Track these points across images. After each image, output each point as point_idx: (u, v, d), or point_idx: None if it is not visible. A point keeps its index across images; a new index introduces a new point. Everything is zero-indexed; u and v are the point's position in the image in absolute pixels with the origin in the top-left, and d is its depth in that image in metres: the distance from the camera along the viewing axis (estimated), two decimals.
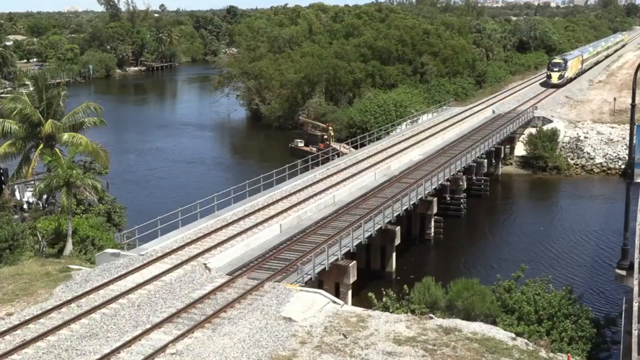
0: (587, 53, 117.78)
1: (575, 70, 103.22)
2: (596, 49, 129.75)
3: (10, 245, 31.82)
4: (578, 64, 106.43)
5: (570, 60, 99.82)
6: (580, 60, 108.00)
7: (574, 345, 25.63)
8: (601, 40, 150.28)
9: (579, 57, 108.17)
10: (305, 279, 29.14)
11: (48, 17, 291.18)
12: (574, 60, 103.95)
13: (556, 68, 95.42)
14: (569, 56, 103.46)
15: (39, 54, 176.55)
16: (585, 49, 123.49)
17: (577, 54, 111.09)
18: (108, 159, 40.91)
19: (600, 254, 43.41)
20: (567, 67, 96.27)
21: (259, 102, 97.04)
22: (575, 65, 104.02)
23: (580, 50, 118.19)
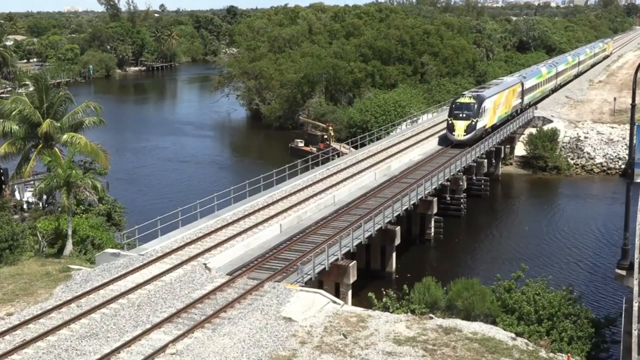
0: (535, 78, 77.38)
1: (501, 112, 62.39)
2: (553, 69, 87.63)
3: (10, 245, 31.81)
4: (510, 101, 65.59)
5: (489, 98, 58.62)
6: (515, 93, 67.30)
7: (573, 345, 25.63)
8: (567, 55, 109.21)
9: (512, 90, 66.20)
10: (305, 279, 29.12)
11: (48, 17, 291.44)
12: (500, 96, 61.95)
13: (463, 113, 56.05)
14: (490, 89, 62.15)
15: (39, 54, 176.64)
16: (533, 71, 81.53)
17: (511, 82, 68.24)
18: (108, 159, 40.87)
19: (600, 254, 43.41)
20: (481, 111, 56.56)
21: (259, 102, 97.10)
22: (501, 104, 62.41)
23: (521, 76, 74.44)
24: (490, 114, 58.78)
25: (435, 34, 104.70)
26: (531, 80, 74.83)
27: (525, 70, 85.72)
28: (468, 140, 54.93)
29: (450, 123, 55.90)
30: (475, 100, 56.20)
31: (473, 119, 55.21)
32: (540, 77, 79.64)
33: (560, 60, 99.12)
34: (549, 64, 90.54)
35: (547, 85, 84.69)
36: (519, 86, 68.52)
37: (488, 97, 58.20)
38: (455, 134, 55.33)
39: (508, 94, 64.25)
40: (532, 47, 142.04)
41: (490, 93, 59.93)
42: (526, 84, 71.40)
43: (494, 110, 60.14)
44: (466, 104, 56.10)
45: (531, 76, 76.25)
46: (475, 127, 55.36)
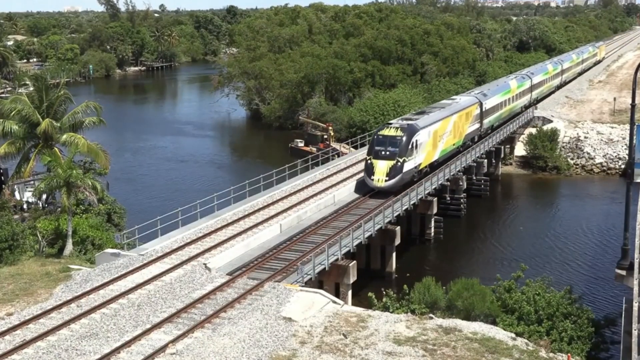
0: (500, 95, 62.70)
1: (446, 145, 49.00)
2: (527, 81, 73.07)
3: (10, 245, 31.81)
4: (461, 128, 51.84)
5: (425, 129, 44.99)
6: (470, 117, 53.90)
7: (573, 345, 25.64)
8: (548, 63, 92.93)
9: (466, 113, 53.04)
10: (305, 279, 29.13)
11: (48, 17, 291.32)
12: (444, 124, 48.49)
13: (386, 150, 42.05)
14: (430, 115, 48.25)
15: (39, 54, 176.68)
16: (499, 86, 65.86)
17: (464, 103, 54.23)
18: (108, 159, 40.87)
19: (600, 254, 43.40)
20: (412, 147, 42.65)
21: (259, 102, 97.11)
22: (447, 134, 49.08)
23: (481, 93, 59.51)
24: (426, 149, 44.88)
25: (435, 34, 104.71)
26: (494, 98, 60.57)
27: (487, 86, 69.15)
28: (392, 187, 40.89)
29: (369, 163, 41.35)
30: (404, 133, 42.14)
31: (399, 158, 41.03)
32: (507, 93, 64.81)
33: (538, 69, 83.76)
34: (522, 75, 75.42)
35: (518, 102, 69.70)
36: (475, 107, 55.31)
37: (423, 128, 44.37)
38: (374, 179, 40.92)
39: (458, 119, 50.84)
40: (532, 47, 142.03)
41: (428, 121, 46.04)
42: (486, 104, 58.01)
43: (434, 144, 46.41)
44: (391, 138, 41.95)
45: (495, 93, 61.56)
46: (402, 168, 41.15)
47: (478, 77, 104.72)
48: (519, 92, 69.41)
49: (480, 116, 56.61)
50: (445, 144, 48.93)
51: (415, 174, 43.71)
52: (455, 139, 50.74)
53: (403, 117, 48.91)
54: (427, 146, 45.00)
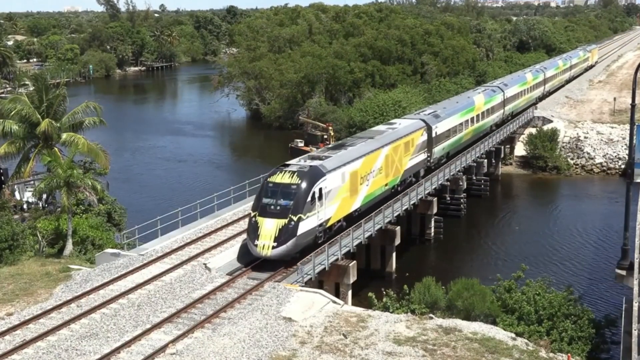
0: (460, 115, 51.79)
1: (372, 188, 37.50)
2: (498, 95, 62.35)
3: (10, 245, 31.81)
4: (398, 162, 40.76)
5: (338, 170, 33.38)
6: (413, 146, 43.02)
7: (574, 345, 25.64)
8: (527, 71, 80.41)
9: (405, 143, 41.86)
10: (305, 279, 29.13)
11: (48, 17, 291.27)
12: (370, 160, 37.08)
13: (276, 203, 30.29)
14: (348, 150, 36.49)
15: (39, 54, 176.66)
16: (461, 102, 54.92)
17: (405, 129, 43.06)
18: (108, 159, 40.86)
19: (600, 254, 43.41)
20: (313, 198, 30.72)
21: (259, 102, 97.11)
22: (375, 172, 37.66)
23: (432, 114, 48.06)
24: (339, 197, 33.13)
25: (435, 34, 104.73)
26: (450, 119, 49.44)
27: (443, 104, 55.24)
28: (283, 255, 29.53)
29: (253, 222, 29.91)
30: (302, 179, 30.43)
31: (293, 215, 29.54)
32: (470, 112, 54.22)
33: (514, 79, 72.15)
34: (493, 87, 64.58)
35: (486, 120, 58.62)
36: (421, 133, 44.13)
37: (333, 170, 32.60)
38: (257, 245, 29.21)
39: (392, 152, 39.30)
40: (532, 47, 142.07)
41: (341, 159, 34.15)
42: (438, 128, 46.86)
43: (352, 189, 34.56)
44: (284, 187, 30.30)
45: (451, 112, 50.45)
46: (297, 229, 29.46)
47: (478, 77, 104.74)
48: (487, 109, 58.58)
49: (429, 144, 45.36)
50: (372, 187, 37.20)
51: (319, 233, 31.56)
52: (387, 178, 39.23)
53: (311, 154, 36.01)
54: (340, 193, 33.17)
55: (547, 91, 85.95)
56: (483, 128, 58.44)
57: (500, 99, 62.76)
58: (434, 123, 46.35)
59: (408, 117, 47.97)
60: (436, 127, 46.58)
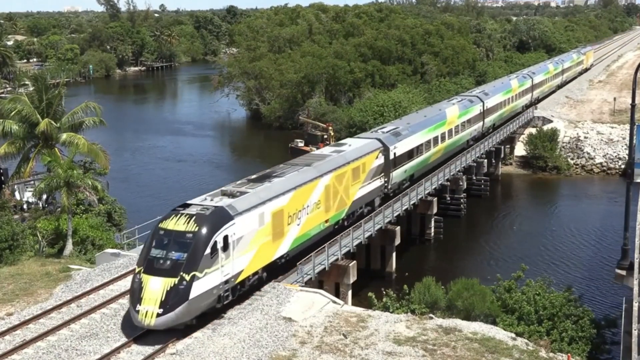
0: (427, 130, 46.09)
1: (305, 229, 30.45)
2: (476, 106, 56.29)
3: (10, 245, 31.81)
4: (344, 193, 34.12)
5: (245, 216, 25.68)
6: (365, 171, 36.64)
7: (574, 345, 25.64)
8: (513, 77, 74.09)
9: (347, 172, 34.36)
10: (305, 279, 29.14)
11: (48, 17, 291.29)
12: (302, 194, 30.07)
13: (166, 258, 23.51)
14: (270, 184, 28.92)
15: (39, 54, 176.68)
16: (430, 116, 48.76)
17: (355, 150, 36.79)
18: (108, 159, 40.85)
19: (600, 254, 43.41)
20: (215, 251, 23.86)
21: (259, 102, 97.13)
22: (310, 208, 30.87)
23: (391, 131, 42.20)
24: (255, 244, 26.40)
25: (435, 34, 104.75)
26: (414, 137, 43.34)
27: (408, 118, 48.64)
28: (170, 325, 22.96)
29: (137, 280, 23.62)
30: (200, 226, 23.98)
31: (185, 272, 23.21)
32: (440, 127, 48.29)
33: (497, 87, 65.71)
34: (472, 96, 58.45)
35: (461, 135, 52.75)
36: (375, 156, 37.66)
37: (245, 211, 25.88)
38: (139, 311, 22.83)
39: (335, 181, 32.99)
40: (532, 47, 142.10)
41: (262, 195, 27.47)
42: (398, 148, 40.64)
43: (277, 231, 28.01)
44: (177, 236, 23.97)
45: (417, 128, 44.68)
46: (188, 292, 23.08)
47: (478, 77, 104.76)
48: (462, 122, 52.68)
49: (386, 167, 39.18)
50: (306, 226, 30.52)
51: (224, 293, 24.73)
52: (329, 213, 32.72)
53: (224, 189, 27.71)
54: (256, 239, 26.39)
55: (536, 98, 78.92)
56: (457, 144, 52.26)
57: (478, 110, 56.59)
58: (392, 143, 40.21)
59: (363, 136, 41.28)
60: (395, 147, 40.30)
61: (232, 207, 25.54)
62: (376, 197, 38.56)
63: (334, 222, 33.59)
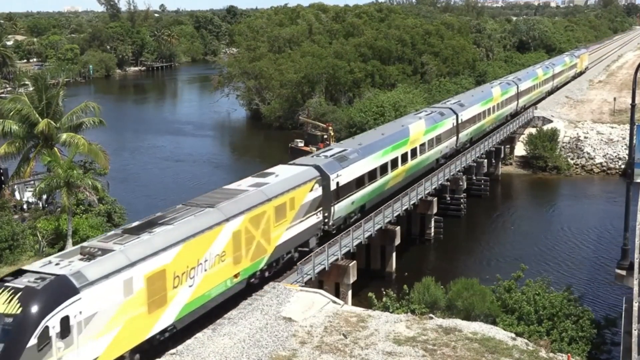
0: (382, 153, 39.46)
1: (186, 300, 23.23)
2: (448, 120, 50.15)
3: (10, 245, 31.85)
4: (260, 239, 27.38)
5: (103, 284, 19.69)
6: (279, 215, 28.70)
7: (574, 345, 25.65)
8: (495, 84, 67.91)
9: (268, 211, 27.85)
10: (305, 279, 29.15)
11: (48, 17, 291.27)
12: (183, 254, 22.86)
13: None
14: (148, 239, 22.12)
15: (39, 54, 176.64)
16: (389, 134, 42.25)
17: (280, 185, 29.55)
18: (107, 159, 40.85)
19: (600, 254, 43.40)
20: (44, 340, 17.80)
21: (259, 102, 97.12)
22: (196, 274, 23.63)
23: (334, 157, 35.39)
24: (119, 322, 20.58)
25: (435, 34, 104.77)
26: (364, 161, 36.86)
27: (360, 139, 41.04)
28: None
29: None
30: (26, 306, 18.10)
31: None
32: (400, 147, 41.56)
33: (475, 97, 58.78)
34: (444, 109, 51.87)
35: (428, 154, 45.95)
36: (310, 188, 31.23)
37: (104, 278, 20.05)
38: None
39: (250, 223, 26.78)
40: (532, 47, 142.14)
41: (131, 255, 21.32)
42: (342, 176, 34.26)
43: (154, 300, 21.94)
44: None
45: (369, 151, 38.00)
46: None
47: (478, 77, 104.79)
48: (429, 139, 46.11)
49: (326, 200, 32.64)
50: (204, 286, 24.19)
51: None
52: (240, 265, 26.21)
53: (85, 244, 22.02)
54: (120, 314, 20.56)
55: (522, 107, 72.32)
56: (423, 165, 45.61)
57: (450, 124, 50.37)
58: (334, 170, 33.69)
59: (299, 163, 34.13)
60: (338, 175, 33.78)
61: (80, 276, 19.20)
62: (312, 237, 31.46)
63: (248, 276, 26.73)
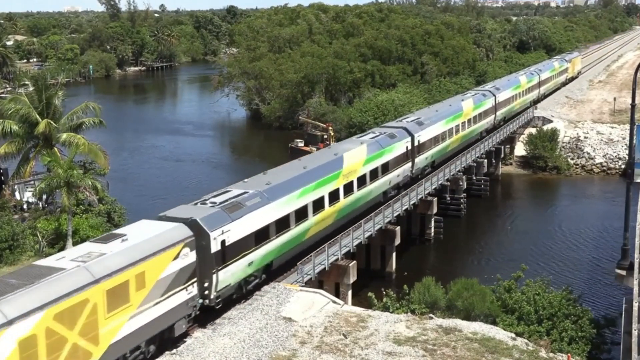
0: (289, 199, 29.82)
1: None
2: (401, 142, 41.70)
3: (10, 245, 31.86)
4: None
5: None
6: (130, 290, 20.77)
7: (574, 345, 25.65)
8: (467, 96, 59.30)
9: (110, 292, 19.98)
10: (305, 279, 29.14)
11: (48, 17, 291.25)
12: None
13: None
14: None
15: (39, 54, 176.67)
16: (318, 165, 33.94)
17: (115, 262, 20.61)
18: (107, 159, 40.87)
19: (600, 254, 43.40)
20: None
21: (259, 102, 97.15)
22: None
23: (240, 199, 27.39)
24: None
25: (435, 34, 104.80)
26: (277, 204, 28.94)
27: (271, 175, 31.81)
28: None
29: None
30: None
31: None
32: (330, 180, 33.46)
33: (441, 113, 50.34)
34: (397, 129, 43.15)
35: (370, 188, 37.36)
36: (169, 258, 22.46)
37: None
38: None
39: (57, 322, 18.45)
40: (532, 47, 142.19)
41: None
42: (231, 232, 25.64)
43: None
44: None
45: (283, 190, 29.93)
46: None
47: (478, 77, 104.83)
48: (372, 169, 37.69)
49: (203, 266, 24.44)
50: None
51: None
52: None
53: None
54: None
55: (500, 120, 64.07)
56: (362, 201, 36.81)
57: (403, 148, 41.77)
58: (219, 224, 25.02)
59: (170, 216, 25.01)
60: (225, 231, 25.12)
61: None
62: (179, 320, 22.99)
63: None
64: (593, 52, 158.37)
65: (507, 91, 66.71)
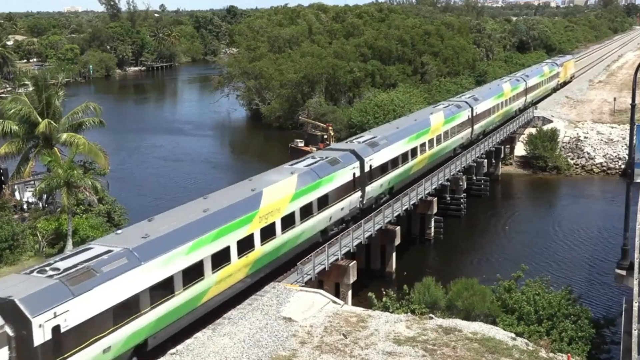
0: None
1: None
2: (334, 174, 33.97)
3: (10, 245, 31.87)
4: None
5: None
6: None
7: (574, 345, 25.65)
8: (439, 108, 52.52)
9: None
10: (305, 279, 29.14)
11: (48, 17, 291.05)
12: None
13: None
14: None
15: (39, 54, 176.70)
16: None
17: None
18: (107, 159, 40.88)
19: (600, 254, 43.40)
20: None
21: (259, 102, 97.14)
22: None
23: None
24: None
25: (435, 34, 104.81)
26: (159, 260, 22.54)
27: (157, 223, 24.74)
28: None
29: None
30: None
31: None
32: (238, 227, 26.69)
33: (406, 129, 44.45)
34: (343, 151, 37.32)
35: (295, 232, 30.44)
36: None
37: None
38: None
39: None
40: (532, 47, 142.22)
41: None
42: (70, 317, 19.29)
43: None
44: None
45: (174, 244, 23.51)
46: None
47: (478, 77, 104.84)
48: (302, 206, 31.20)
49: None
50: None
51: None
52: None
53: None
54: None
55: (479, 134, 57.99)
56: (291, 245, 30.42)
57: (348, 175, 35.51)
58: (45, 306, 18.99)
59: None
60: (62, 313, 19.31)
61: None
62: None
63: None
64: (593, 52, 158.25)
65: (488, 101, 59.87)
